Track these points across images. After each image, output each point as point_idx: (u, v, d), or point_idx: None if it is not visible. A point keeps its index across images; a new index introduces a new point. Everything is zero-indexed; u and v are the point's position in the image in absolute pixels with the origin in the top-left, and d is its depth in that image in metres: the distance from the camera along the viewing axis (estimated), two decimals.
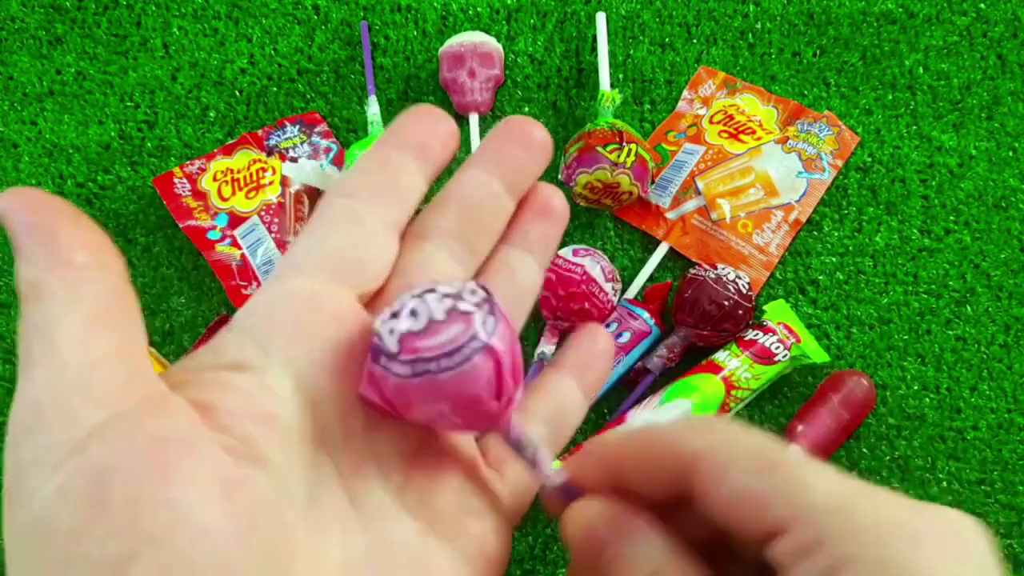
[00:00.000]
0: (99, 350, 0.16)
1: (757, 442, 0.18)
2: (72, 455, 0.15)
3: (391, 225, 0.22)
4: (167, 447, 0.15)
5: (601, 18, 0.64)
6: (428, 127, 0.22)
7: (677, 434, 0.19)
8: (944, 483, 0.54)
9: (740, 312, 0.53)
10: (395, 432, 0.20)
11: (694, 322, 0.53)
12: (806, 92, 0.65)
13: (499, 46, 0.64)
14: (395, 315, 0.18)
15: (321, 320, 0.19)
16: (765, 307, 0.56)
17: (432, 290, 0.18)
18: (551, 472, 0.20)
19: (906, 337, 0.57)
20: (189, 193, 0.60)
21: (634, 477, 0.20)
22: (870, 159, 0.62)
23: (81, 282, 0.17)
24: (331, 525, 0.18)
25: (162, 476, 0.15)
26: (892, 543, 0.16)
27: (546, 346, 0.55)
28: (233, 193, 0.60)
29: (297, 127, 0.63)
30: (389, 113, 0.64)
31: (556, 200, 0.24)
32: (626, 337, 0.54)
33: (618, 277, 0.56)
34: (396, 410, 0.18)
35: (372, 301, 0.21)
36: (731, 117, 0.63)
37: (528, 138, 0.23)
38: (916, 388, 0.56)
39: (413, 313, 0.18)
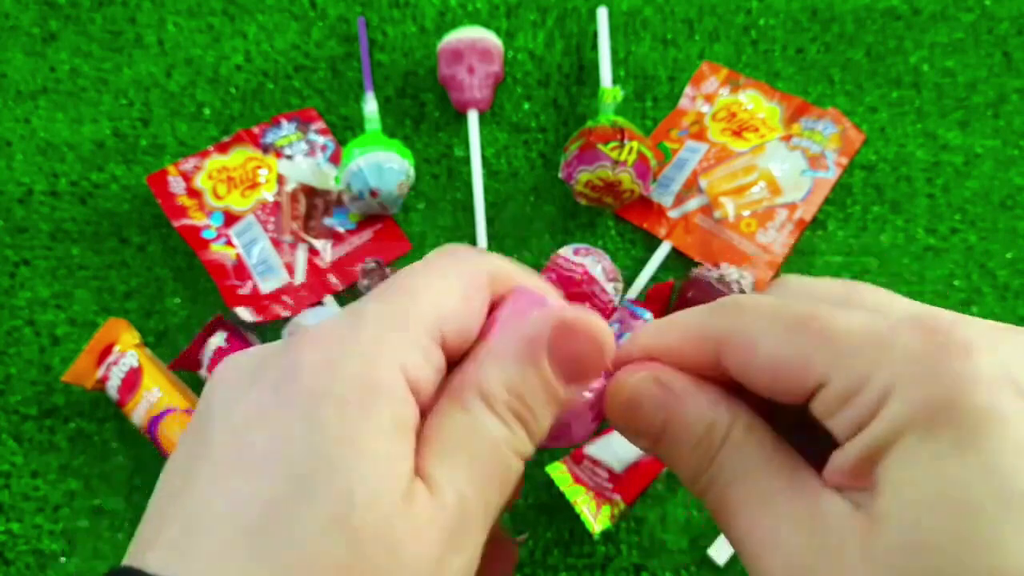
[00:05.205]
0: None
1: (783, 307, 0.18)
2: None
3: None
4: None
5: (602, 14, 0.63)
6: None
7: (704, 318, 0.19)
8: None
9: None
10: None
11: None
12: (810, 89, 0.64)
13: (499, 42, 0.63)
14: None
15: None
16: None
17: None
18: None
19: None
20: (184, 191, 0.59)
21: (673, 364, 0.20)
22: (875, 157, 0.61)
23: None
24: None
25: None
26: (936, 359, 0.15)
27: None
28: (228, 191, 0.60)
29: (293, 124, 0.62)
30: (387, 110, 0.63)
31: None
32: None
33: (619, 277, 0.55)
34: None
35: None
36: (734, 114, 0.62)
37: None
38: None
39: None
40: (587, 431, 0.22)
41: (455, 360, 0.19)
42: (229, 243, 0.58)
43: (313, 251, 0.58)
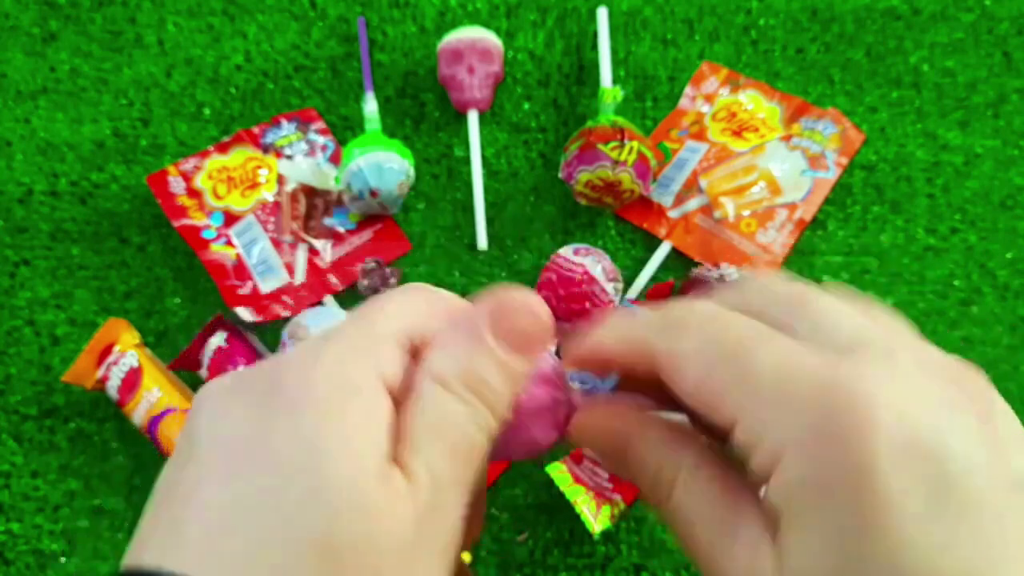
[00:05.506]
0: None
1: (720, 330, 0.19)
2: None
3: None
4: None
5: (603, 13, 0.63)
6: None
7: (649, 332, 0.20)
8: None
9: None
10: None
11: None
12: (810, 89, 0.64)
13: (499, 42, 0.63)
14: None
15: None
16: None
17: None
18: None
19: None
20: (184, 191, 0.59)
21: (623, 370, 0.22)
22: (875, 157, 0.61)
23: None
24: None
25: None
26: (826, 430, 0.16)
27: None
28: (228, 191, 0.60)
29: (293, 124, 0.62)
30: (387, 110, 0.63)
31: None
32: None
33: (620, 277, 0.55)
34: None
35: None
36: (734, 114, 0.62)
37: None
38: None
39: None
40: (550, 438, 0.22)
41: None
42: (229, 243, 0.58)
43: (313, 251, 0.58)
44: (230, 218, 0.59)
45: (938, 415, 0.16)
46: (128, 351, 0.52)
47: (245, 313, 0.55)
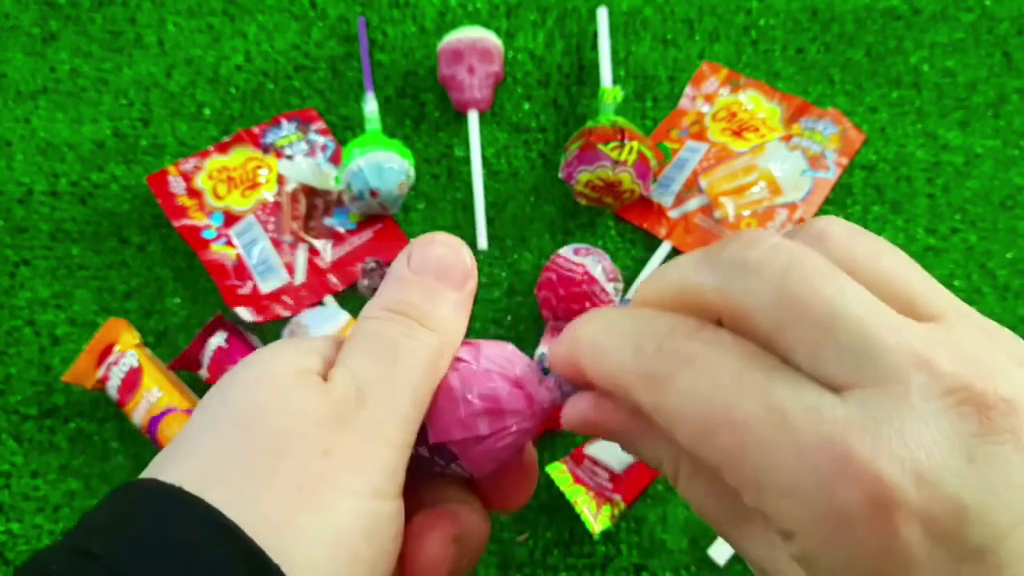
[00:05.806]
0: None
1: (634, 325, 0.19)
2: None
3: None
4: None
5: (603, 14, 0.63)
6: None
7: (626, 380, 0.18)
8: None
9: None
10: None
11: None
12: (810, 89, 0.64)
13: (499, 42, 0.63)
14: None
15: None
16: None
17: None
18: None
19: None
20: (184, 191, 0.59)
21: None
22: (875, 157, 0.61)
23: None
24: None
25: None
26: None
27: (546, 347, 0.54)
28: (228, 191, 0.60)
29: (294, 124, 0.62)
30: (387, 110, 0.63)
31: None
32: None
33: (619, 277, 0.55)
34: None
35: None
36: (734, 114, 0.62)
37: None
38: None
39: None
40: (525, 422, 0.22)
41: None
42: (229, 243, 0.58)
43: (313, 251, 0.58)
44: (230, 218, 0.59)
45: (957, 475, 0.14)
46: (128, 351, 0.52)
47: (245, 313, 0.55)
